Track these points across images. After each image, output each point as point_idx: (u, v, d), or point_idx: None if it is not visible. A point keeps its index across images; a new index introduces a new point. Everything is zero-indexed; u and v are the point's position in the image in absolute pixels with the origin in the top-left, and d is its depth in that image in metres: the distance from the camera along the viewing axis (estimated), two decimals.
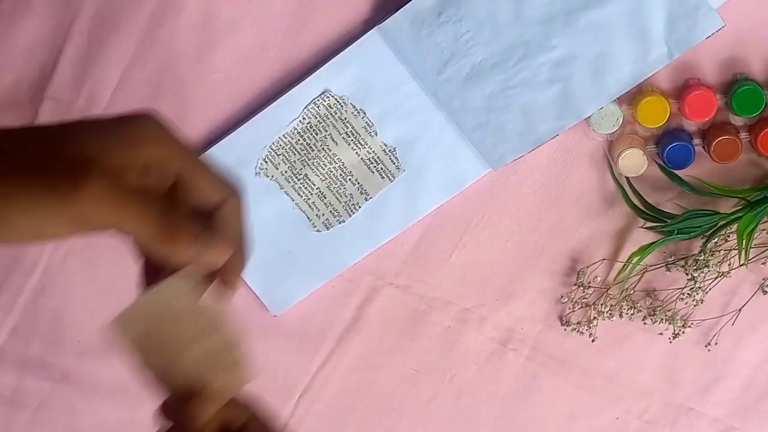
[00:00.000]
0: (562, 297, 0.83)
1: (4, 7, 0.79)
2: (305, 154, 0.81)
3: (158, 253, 0.51)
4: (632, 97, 0.77)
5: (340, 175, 0.81)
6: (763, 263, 0.80)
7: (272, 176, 0.81)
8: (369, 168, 0.80)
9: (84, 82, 0.80)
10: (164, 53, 0.79)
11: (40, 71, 0.80)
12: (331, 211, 0.82)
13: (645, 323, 0.82)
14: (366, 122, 0.79)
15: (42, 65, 0.80)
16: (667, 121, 0.77)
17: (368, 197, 0.81)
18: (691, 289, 0.80)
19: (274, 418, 0.61)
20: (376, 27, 0.77)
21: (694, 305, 0.81)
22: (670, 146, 0.77)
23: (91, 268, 0.85)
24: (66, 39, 0.79)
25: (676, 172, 0.78)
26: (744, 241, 0.77)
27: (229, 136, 0.80)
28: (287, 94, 0.79)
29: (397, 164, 0.80)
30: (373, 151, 0.80)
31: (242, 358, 0.58)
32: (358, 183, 0.81)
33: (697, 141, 0.78)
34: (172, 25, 0.78)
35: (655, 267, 0.81)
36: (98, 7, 0.79)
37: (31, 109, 0.81)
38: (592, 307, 0.82)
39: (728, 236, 0.79)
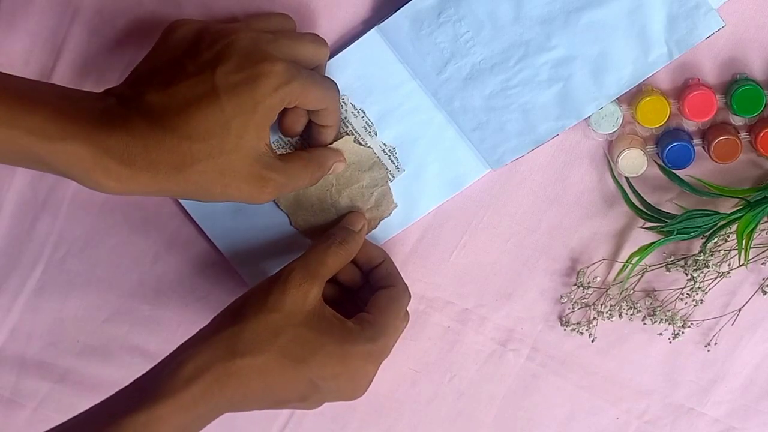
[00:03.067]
0: (561, 297, 0.83)
1: (3, 7, 0.79)
2: None
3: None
4: (632, 97, 0.77)
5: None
6: (763, 263, 0.80)
7: None
8: None
9: (83, 83, 0.80)
10: None
11: (40, 71, 0.80)
12: None
13: (645, 323, 0.82)
14: (366, 122, 0.79)
15: (42, 65, 0.80)
16: (666, 121, 0.77)
17: None
18: (691, 289, 0.80)
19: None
20: (375, 27, 0.77)
21: (694, 305, 0.81)
22: (669, 146, 0.77)
23: (91, 268, 0.85)
24: (66, 39, 0.79)
25: (676, 172, 0.78)
26: (744, 241, 0.77)
27: None
28: None
29: (396, 164, 0.80)
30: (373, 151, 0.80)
31: (386, 191, 0.80)
32: None
33: (697, 141, 0.78)
34: None
35: (654, 267, 0.81)
36: (98, 8, 0.79)
37: None
38: (592, 307, 0.82)
39: (728, 236, 0.79)
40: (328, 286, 0.77)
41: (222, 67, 0.67)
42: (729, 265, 0.80)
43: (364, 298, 0.78)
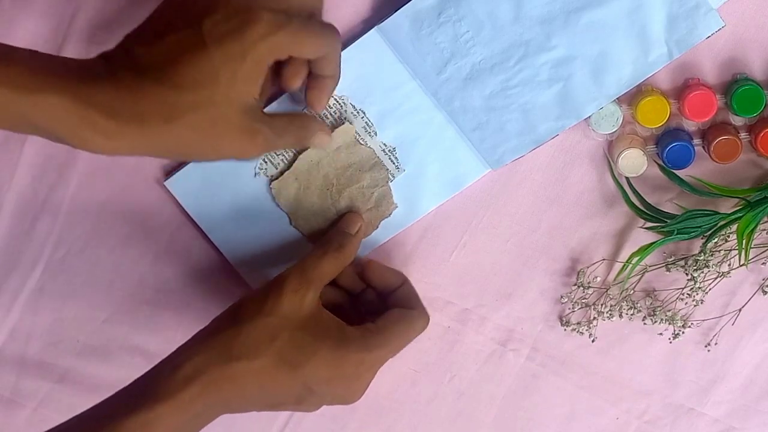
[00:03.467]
0: (562, 297, 0.83)
1: (3, 6, 0.79)
2: None
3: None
4: (632, 97, 0.77)
5: None
6: (763, 263, 0.80)
7: (271, 176, 0.81)
8: None
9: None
10: None
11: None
12: None
13: (645, 323, 0.82)
14: (366, 122, 0.79)
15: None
16: (666, 121, 0.77)
17: None
18: (691, 289, 0.80)
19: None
20: (375, 27, 0.77)
21: (694, 305, 0.81)
22: (670, 146, 0.77)
23: (91, 268, 0.85)
24: (66, 38, 0.79)
25: (676, 172, 0.78)
26: (744, 242, 0.77)
27: None
28: (287, 93, 0.79)
29: (396, 164, 0.80)
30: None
31: (387, 191, 0.80)
32: None
33: (697, 141, 0.78)
34: None
35: (655, 267, 0.81)
36: (98, 7, 0.79)
37: None
38: (592, 307, 0.82)
39: (728, 236, 0.79)
40: (331, 291, 0.77)
41: (209, 18, 0.66)
42: (729, 265, 0.80)
43: (368, 306, 0.79)
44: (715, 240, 0.79)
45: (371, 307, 0.79)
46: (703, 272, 0.80)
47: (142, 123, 0.65)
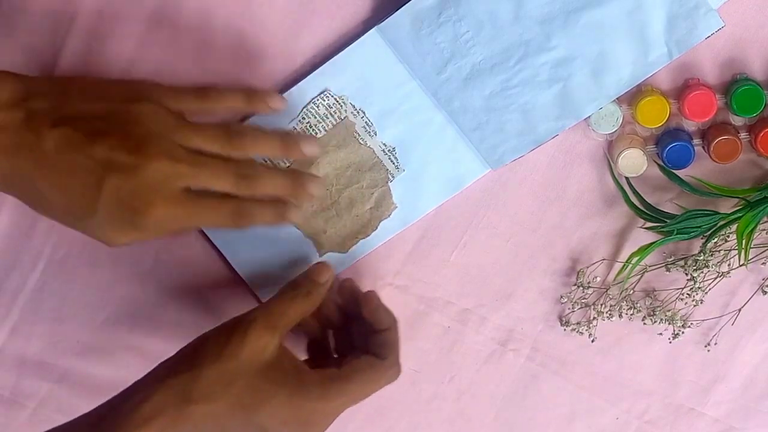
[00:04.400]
0: (561, 297, 0.83)
1: (3, 7, 0.79)
2: None
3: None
4: (632, 97, 0.77)
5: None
6: (763, 263, 0.80)
7: None
8: None
9: None
10: (164, 54, 0.79)
11: (41, 71, 0.80)
12: None
13: (645, 323, 0.82)
14: (365, 122, 0.79)
15: (42, 65, 0.80)
16: (666, 121, 0.77)
17: None
18: (691, 289, 0.80)
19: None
20: (375, 27, 0.77)
21: (694, 305, 0.81)
22: (669, 146, 0.77)
23: (91, 268, 0.85)
24: (65, 38, 0.79)
25: (676, 172, 0.78)
26: (744, 241, 0.77)
27: None
28: (286, 93, 0.79)
29: (396, 164, 0.80)
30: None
31: (386, 192, 0.80)
32: None
33: (696, 141, 0.78)
34: (171, 25, 0.78)
35: (654, 267, 0.81)
36: (98, 6, 0.79)
37: None
38: (592, 307, 0.82)
39: (728, 236, 0.79)
40: (310, 324, 0.79)
41: (118, 178, 0.67)
42: (729, 265, 0.80)
43: (352, 341, 0.80)
44: (715, 240, 0.79)
45: (354, 343, 0.80)
46: (702, 272, 0.80)
47: (14, 194, 0.69)
